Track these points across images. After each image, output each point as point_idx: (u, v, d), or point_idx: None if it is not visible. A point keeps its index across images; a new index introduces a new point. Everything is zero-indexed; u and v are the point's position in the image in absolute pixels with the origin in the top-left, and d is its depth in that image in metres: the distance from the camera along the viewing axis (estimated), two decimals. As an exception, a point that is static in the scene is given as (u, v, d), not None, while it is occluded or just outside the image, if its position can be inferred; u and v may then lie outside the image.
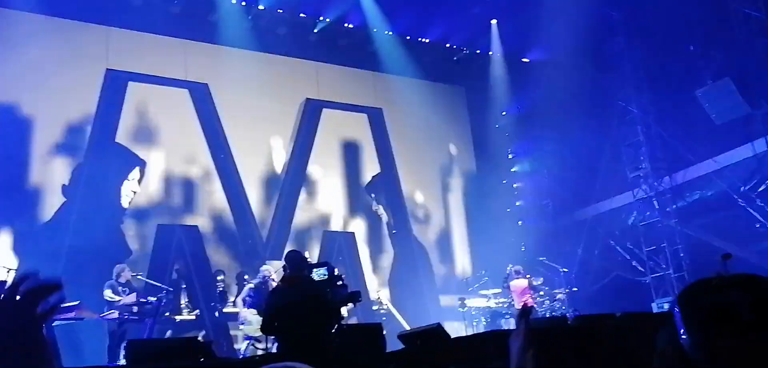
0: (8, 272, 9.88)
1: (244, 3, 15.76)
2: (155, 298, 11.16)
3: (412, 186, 18.02)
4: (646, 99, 16.19)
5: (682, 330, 1.36)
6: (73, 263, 12.52)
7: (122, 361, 9.10)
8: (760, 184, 13.94)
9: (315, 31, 16.71)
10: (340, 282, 9.27)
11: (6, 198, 12.60)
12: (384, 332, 7.41)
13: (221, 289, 14.20)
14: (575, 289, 14.98)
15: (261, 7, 15.86)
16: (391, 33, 17.36)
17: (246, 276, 14.34)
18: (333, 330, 6.55)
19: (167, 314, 12.62)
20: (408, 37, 17.68)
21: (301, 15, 16.35)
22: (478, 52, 18.81)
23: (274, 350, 9.41)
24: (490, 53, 18.67)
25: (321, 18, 16.58)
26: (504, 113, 19.33)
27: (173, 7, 15.02)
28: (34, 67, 13.43)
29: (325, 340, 6.15)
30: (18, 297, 1.34)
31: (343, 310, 9.65)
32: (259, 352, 11.32)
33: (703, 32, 14.62)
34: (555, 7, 14.94)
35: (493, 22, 17.97)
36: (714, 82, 14.09)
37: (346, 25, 16.95)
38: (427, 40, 18.05)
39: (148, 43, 14.93)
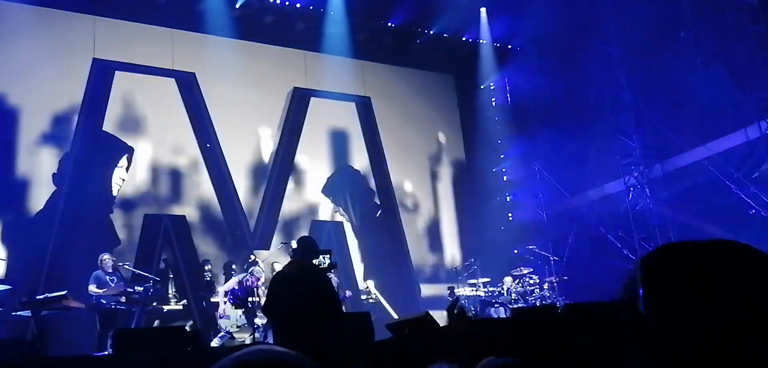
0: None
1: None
2: (142, 288, 11.10)
3: (401, 175, 17.93)
4: (637, 86, 16.06)
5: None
6: (60, 253, 12.57)
7: (110, 350, 9.04)
8: (754, 170, 13.86)
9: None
10: (332, 272, 9.44)
11: (-7, 189, 12.54)
12: (372, 320, 7.38)
13: (208, 279, 14.10)
14: (566, 278, 14.94)
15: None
16: (389, 24, 17.30)
17: (234, 266, 14.26)
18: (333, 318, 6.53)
19: (154, 303, 12.57)
20: (396, 25, 17.55)
21: (287, 3, 16.20)
22: (469, 40, 18.71)
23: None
24: (480, 41, 18.60)
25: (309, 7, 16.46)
26: (493, 101, 19.28)
27: (160, -5, 14.91)
28: (20, 58, 13.34)
29: (323, 327, 6.13)
30: None
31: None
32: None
33: (695, 18, 14.56)
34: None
35: (482, 9, 17.91)
36: (706, 69, 14.03)
37: (332, 13, 16.74)
38: (416, 28, 17.91)
39: (134, 32, 14.81)
